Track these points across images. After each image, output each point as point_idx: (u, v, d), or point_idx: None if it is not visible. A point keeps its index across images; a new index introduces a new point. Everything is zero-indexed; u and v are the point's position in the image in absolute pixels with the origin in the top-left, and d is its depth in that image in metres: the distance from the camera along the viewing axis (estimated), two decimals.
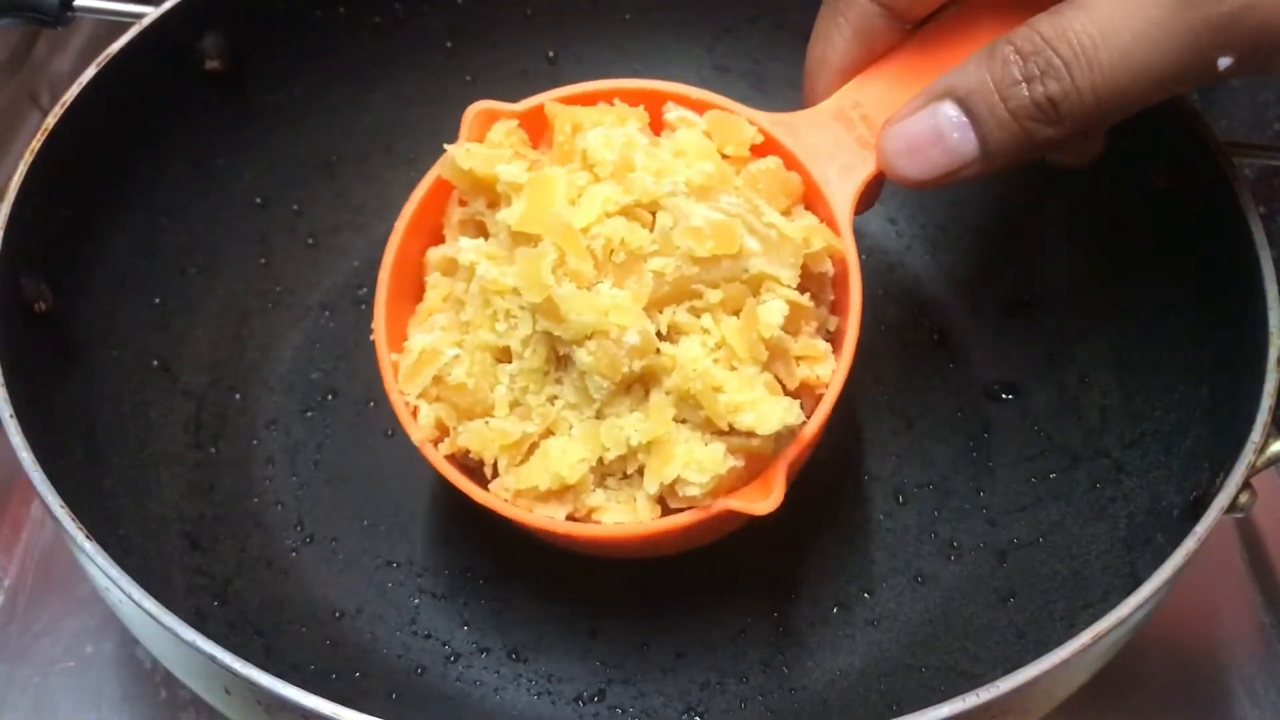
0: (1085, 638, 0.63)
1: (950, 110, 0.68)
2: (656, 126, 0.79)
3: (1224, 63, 0.61)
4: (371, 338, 0.76)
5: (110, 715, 0.89)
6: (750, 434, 0.67)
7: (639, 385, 0.70)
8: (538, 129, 0.80)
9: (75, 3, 0.96)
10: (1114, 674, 0.89)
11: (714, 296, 0.69)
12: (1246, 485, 0.70)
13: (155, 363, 0.93)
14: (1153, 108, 0.86)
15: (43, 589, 0.95)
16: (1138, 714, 0.91)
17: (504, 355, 0.73)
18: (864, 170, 0.74)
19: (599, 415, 0.71)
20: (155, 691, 0.90)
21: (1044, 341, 0.98)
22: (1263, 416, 0.70)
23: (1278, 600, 0.98)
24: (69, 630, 0.93)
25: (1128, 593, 0.66)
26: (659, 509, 0.70)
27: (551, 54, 1.13)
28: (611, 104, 0.77)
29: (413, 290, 0.81)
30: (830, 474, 0.93)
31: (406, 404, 0.74)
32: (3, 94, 1.23)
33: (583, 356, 0.68)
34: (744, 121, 0.76)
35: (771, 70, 1.12)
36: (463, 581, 0.89)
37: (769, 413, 0.66)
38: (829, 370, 0.72)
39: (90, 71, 0.86)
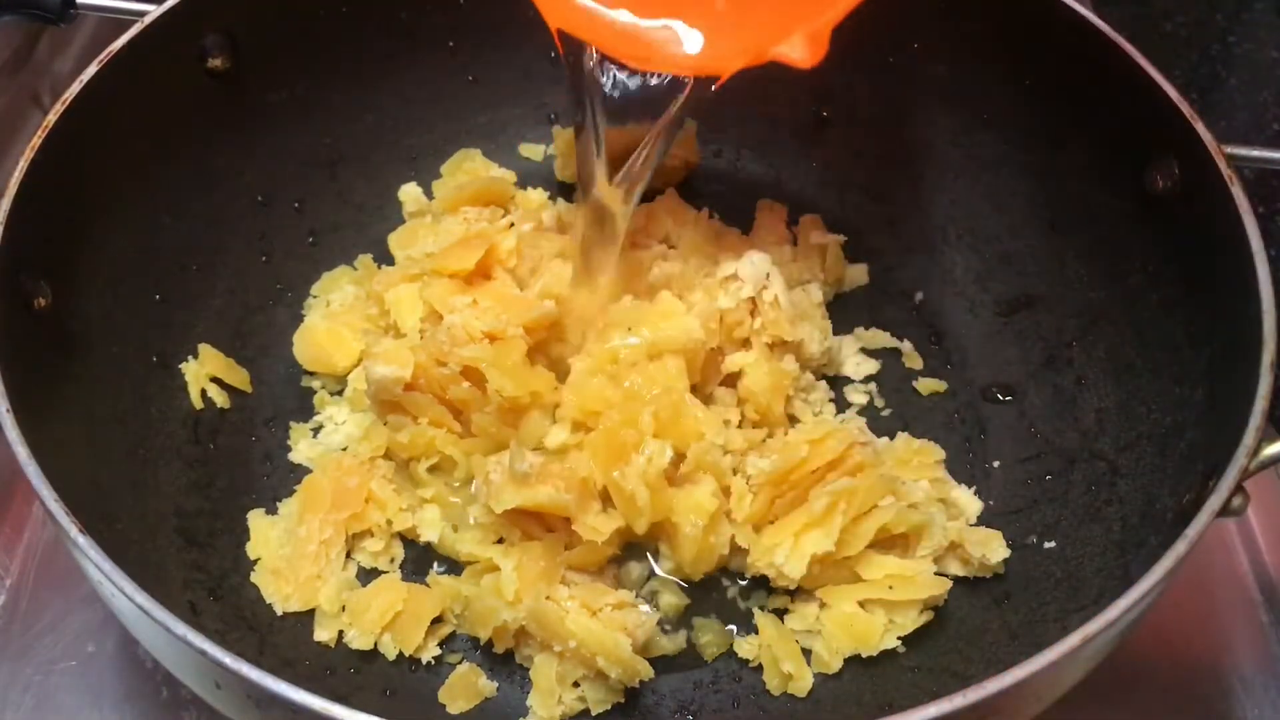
0: (1074, 640, 0.63)
1: None
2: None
3: None
4: None
5: (112, 714, 0.89)
6: None
7: None
8: None
9: (78, 0, 0.97)
10: (1114, 674, 0.89)
11: None
12: (1239, 488, 0.70)
13: (155, 359, 0.93)
14: (1151, 110, 0.86)
15: (45, 588, 0.95)
16: (1137, 713, 0.91)
17: None
18: None
19: None
20: (157, 690, 0.90)
21: (1041, 343, 0.98)
22: (1255, 420, 0.70)
23: (1277, 600, 0.97)
24: (71, 629, 0.93)
25: (1121, 595, 0.66)
26: None
27: (553, 54, 1.13)
28: None
29: None
30: None
31: None
32: (5, 94, 1.23)
33: None
34: None
35: (771, 70, 1.11)
36: None
37: None
38: None
39: (92, 69, 0.86)
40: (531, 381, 0.88)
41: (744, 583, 0.88)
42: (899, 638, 0.83)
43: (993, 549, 0.85)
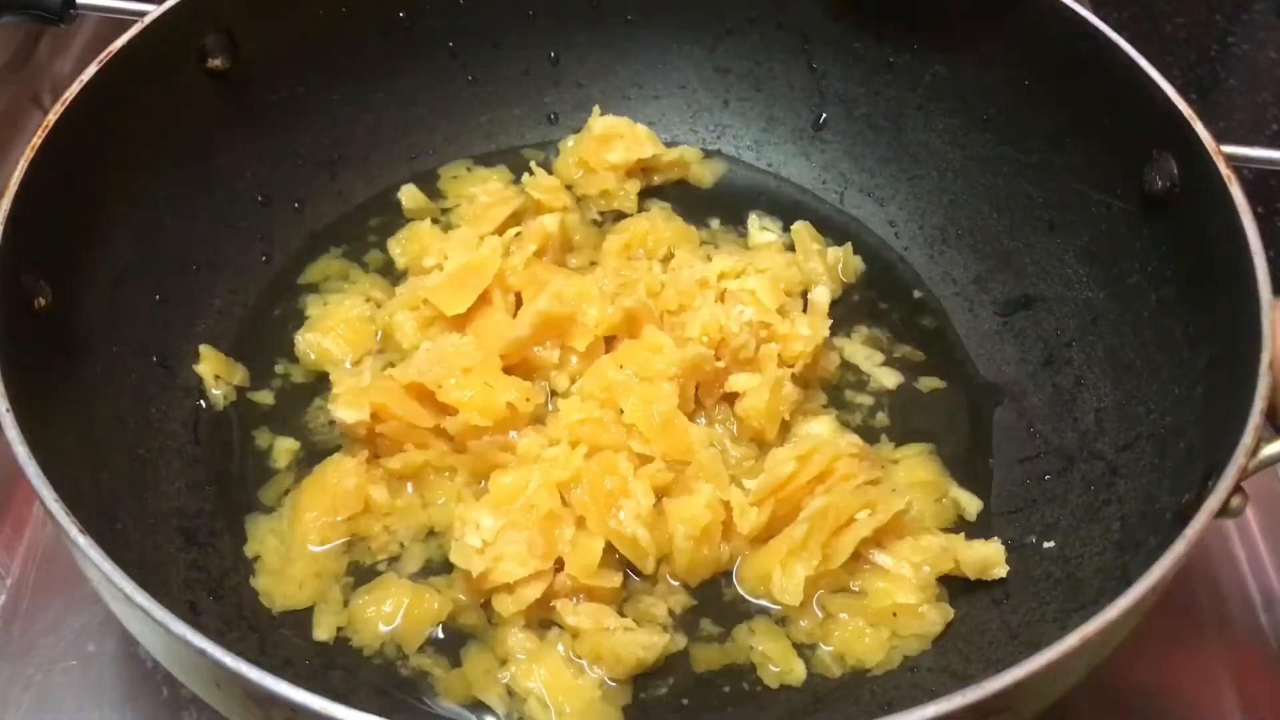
0: (1073, 640, 0.63)
1: None
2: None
3: None
4: None
5: (112, 713, 0.89)
6: None
7: None
8: None
9: (78, 0, 0.97)
10: (1114, 673, 0.89)
11: None
12: (1238, 489, 0.70)
13: (155, 359, 0.93)
14: (1150, 110, 0.86)
15: (45, 588, 0.95)
16: (1136, 714, 0.91)
17: None
18: None
19: None
20: (157, 690, 0.90)
21: (1040, 343, 0.98)
22: (1254, 420, 0.70)
23: (1276, 600, 0.98)
24: (71, 628, 0.93)
25: (1120, 595, 0.66)
26: None
27: (553, 54, 1.14)
28: None
29: None
30: None
31: None
32: (5, 94, 1.24)
33: None
34: None
35: (771, 70, 1.12)
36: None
37: None
38: None
39: (92, 69, 0.86)
40: (502, 397, 0.88)
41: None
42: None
43: (993, 569, 0.85)
